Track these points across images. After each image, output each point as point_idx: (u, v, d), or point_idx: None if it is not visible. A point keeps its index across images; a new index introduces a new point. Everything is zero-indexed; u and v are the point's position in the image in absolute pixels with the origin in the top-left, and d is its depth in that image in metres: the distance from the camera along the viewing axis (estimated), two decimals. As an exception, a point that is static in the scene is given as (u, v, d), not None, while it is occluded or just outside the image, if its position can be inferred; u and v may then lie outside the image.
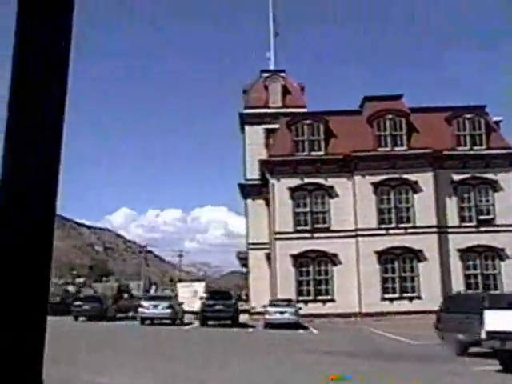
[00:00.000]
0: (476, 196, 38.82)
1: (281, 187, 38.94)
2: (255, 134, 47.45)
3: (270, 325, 28.39)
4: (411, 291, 37.36)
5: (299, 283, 38.15)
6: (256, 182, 46.37)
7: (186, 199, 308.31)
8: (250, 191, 47.04)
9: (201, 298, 34.60)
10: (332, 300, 37.68)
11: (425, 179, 38.09)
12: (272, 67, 51.46)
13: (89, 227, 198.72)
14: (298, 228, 38.71)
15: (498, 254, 38.03)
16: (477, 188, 38.85)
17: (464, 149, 39.18)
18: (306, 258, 38.27)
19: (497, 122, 40.40)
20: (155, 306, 29.54)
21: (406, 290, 37.41)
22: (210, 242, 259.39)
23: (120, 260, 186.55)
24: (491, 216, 38.58)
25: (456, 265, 37.96)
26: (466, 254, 37.98)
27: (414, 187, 38.10)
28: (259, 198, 46.74)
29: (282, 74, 49.12)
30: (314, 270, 38.25)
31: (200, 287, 58.81)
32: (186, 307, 54.34)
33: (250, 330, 28.34)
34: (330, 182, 38.90)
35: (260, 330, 27.89)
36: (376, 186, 38.20)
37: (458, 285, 37.48)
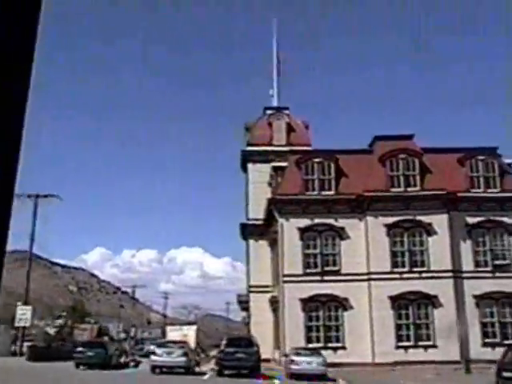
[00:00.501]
0: (491, 240, 37.56)
1: (290, 227, 37.21)
2: (259, 172, 45.96)
3: (295, 375, 26.22)
4: (426, 339, 35.56)
5: (308, 329, 36.10)
6: (259, 222, 44.67)
7: (161, 240, 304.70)
8: (252, 231, 45.28)
9: (216, 346, 32.27)
10: (343, 347, 35.63)
11: (439, 221, 36.75)
12: (275, 104, 50.45)
13: (63, 266, 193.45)
14: (308, 271, 36.88)
15: (514, 300, 36.59)
16: (492, 232, 37.64)
17: (478, 191, 38.09)
18: (315, 302, 36.34)
19: (509, 165, 39.47)
20: (169, 354, 27.10)
21: (421, 338, 35.60)
22: (185, 284, 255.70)
23: (94, 300, 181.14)
24: (507, 261, 37.30)
25: (472, 312, 36.38)
26: (482, 300, 36.47)
27: (428, 229, 36.70)
28: (262, 239, 45.01)
29: (287, 112, 48.10)
30: (324, 315, 36.30)
31: (191, 331, 56.19)
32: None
33: (277, 381, 26.05)
34: (341, 222, 37.33)
35: (287, 381, 25.61)
36: (389, 227, 36.73)
37: (474, 333, 35.98)
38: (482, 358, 33.25)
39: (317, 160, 38.35)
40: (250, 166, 46.56)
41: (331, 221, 37.37)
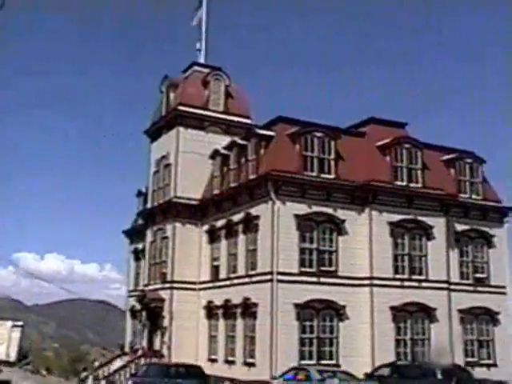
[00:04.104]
0: (473, 251, 34.83)
1: (286, 213, 29.43)
2: (194, 141, 36.80)
3: None
4: (422, 357, 31.05)
5: (301, 342, 28.81)
6: (192, 202, 35.70)
7: None
8: (180, 213, 35.81)
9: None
10: (337, 365, 29.06)
11: (439, 225, 32.63)
12: (202, 61, 41.25)
13: None
14: (303, 269, 29.57)
15: (492, 317, 34.31)
16: (474, 242, 34.93)
17: (465, 197, 35.06)
18: (310, 309, 29.22)
19: (480, 172, 37.31)
20: None
21: (417, 357, 30.94)
22: None
23: None
24: (485, 275, 34.92)
25: (456, 328, 33.04)
26: (465, 315, 33.40)
27: (429, 233, 32.34)
28: (190, 223, 36.05)
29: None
30: (319, 326, 29.38)
31: (2, 329, 42.99)
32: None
33: None
34: (341, 214, 30.84)
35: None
36: (393, 226, 31.41)
37: (458, 352, 32.70)
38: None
39: (318, 135, 31.24)
40: (181, 129, 36.88)
41: (330, 210, 30.64)
